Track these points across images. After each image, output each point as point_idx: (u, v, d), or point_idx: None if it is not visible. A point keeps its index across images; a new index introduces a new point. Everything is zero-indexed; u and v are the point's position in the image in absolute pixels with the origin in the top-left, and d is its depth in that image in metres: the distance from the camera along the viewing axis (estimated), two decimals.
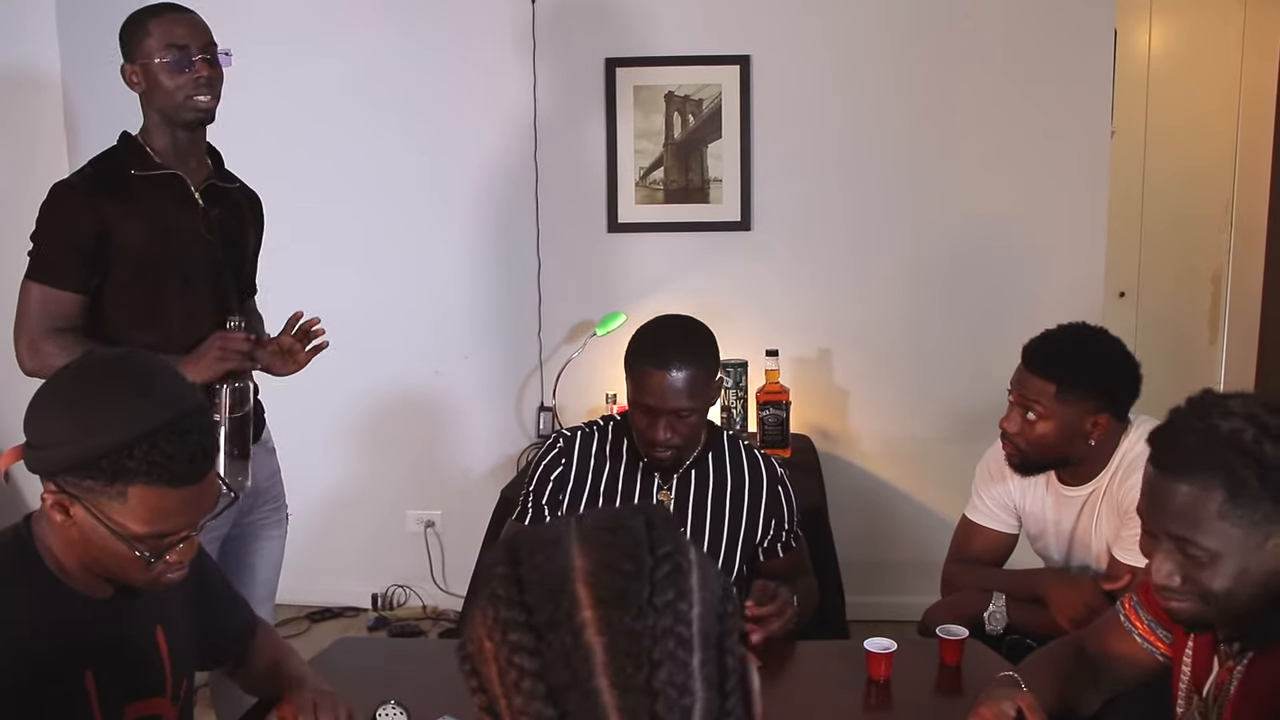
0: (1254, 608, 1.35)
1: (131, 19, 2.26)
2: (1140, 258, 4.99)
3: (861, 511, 3.71)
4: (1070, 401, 2.09)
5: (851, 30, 3.61)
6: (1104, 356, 2.14)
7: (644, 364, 2.06)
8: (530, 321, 3.79)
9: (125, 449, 1.31)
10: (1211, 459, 1.32)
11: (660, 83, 3.65)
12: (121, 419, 1.31)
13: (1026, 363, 2.15)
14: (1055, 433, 2.11)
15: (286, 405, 2.62)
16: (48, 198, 2.23)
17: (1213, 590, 1.35)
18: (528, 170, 3.72)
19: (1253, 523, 1.31)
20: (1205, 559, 1.34)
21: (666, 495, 2.20)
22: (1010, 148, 3.61)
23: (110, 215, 2.19)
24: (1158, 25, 4.90)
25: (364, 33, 3.73)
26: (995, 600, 2.20)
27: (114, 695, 1.44)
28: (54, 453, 1.33)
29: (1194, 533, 1.33)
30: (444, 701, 1.82)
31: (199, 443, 1.35)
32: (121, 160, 2.26)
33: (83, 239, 2.18)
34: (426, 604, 3.94)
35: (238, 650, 1.77)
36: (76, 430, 1.32)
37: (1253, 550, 1.32)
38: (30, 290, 2.20)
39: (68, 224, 2.20)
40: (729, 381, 3.45)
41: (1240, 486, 1.30)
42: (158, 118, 2.26)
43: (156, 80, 2.22)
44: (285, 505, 2.58)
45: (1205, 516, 1.32)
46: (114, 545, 1.35)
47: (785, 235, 3.70)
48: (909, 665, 1.95)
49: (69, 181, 2.25)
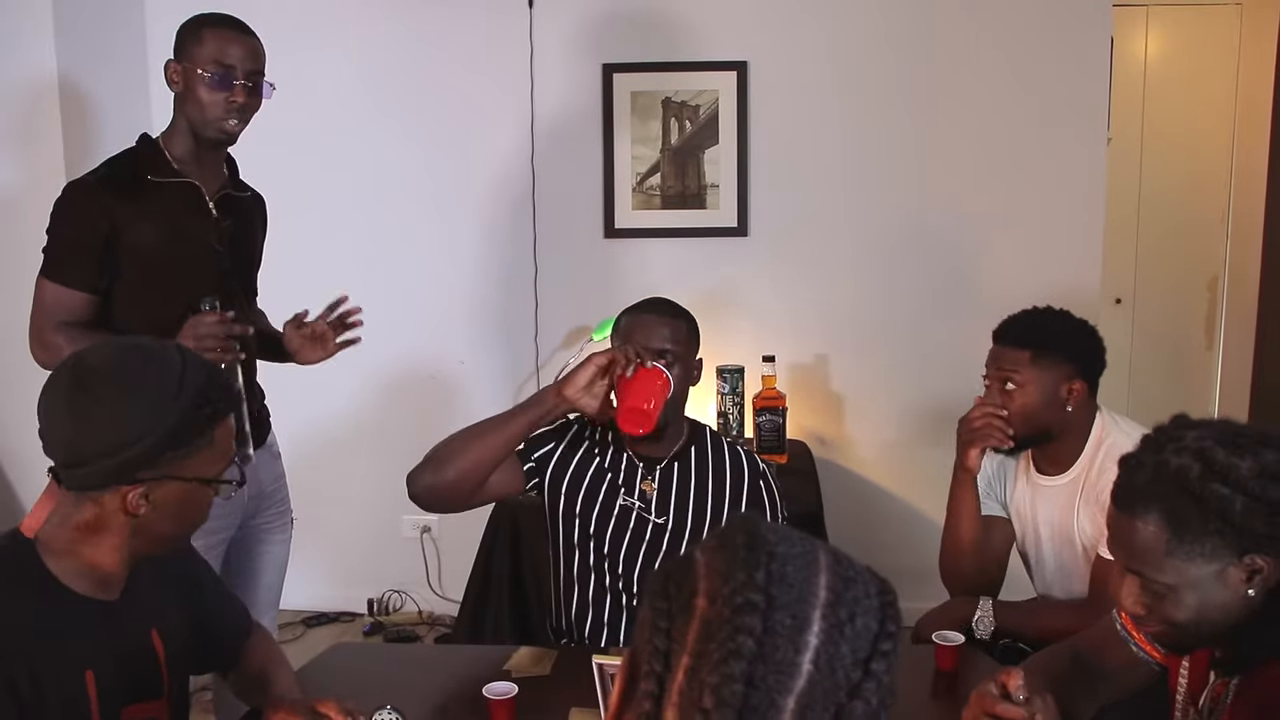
0: (1228, 631, 1.36)
1: (194, 20, 2.25)
2: (1137, 264, 5.00)
3: (858, 517, 3.70)
4: (1045, 366, 2.18)
5: (849, 37, 3.61)
6: (1070, 323, 2.26)
7: (635, 313, 2.22)
8: (527, 326, 3.79)
9: (202, 398, 1.41)
10: (1156, 497, 1.33)
11: (658, 88, 3.65)
12: (178, 382, 1.40)
13: (999, 339, 2.26)
14: (1035, 399, 2.18)
15: (283, 409, 2.61)
16: (61, 196, 2.24)
17: (1177, 620, 1.36)
18: (525, 175, 3.72)
19: (1202, 557, 1.31)
20: (1163, 591, 1.35)
21: (650, 486, 2.22)
22: (1007, 154, 3.62)
23: (121, 218, 2.19)
24: (1154, 32, 4.91)
25: (361, 37, 3.73)
26: (983, 605, 2.21)
27: (113, 697, 1.44)
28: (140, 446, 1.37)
29: (1147, 569, 1.35)
30: (440, 707, 1.82)
31: (221, 372, 1.56)
32: (138, 164, 2.26)
33: (93, 240, 2.19)
34: (422, 609, 3.93)
35: (232, 654, 1.77)
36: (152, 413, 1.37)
37: (1209, 581, 1.32)
38: (43, 287, 2.21)
39: (79, 224, 2.20)
40: (725, 387, 3.45)
41: (1183, 525, 1.31)
42: (184, 124, 2.27)
43: (194, 90, 2.22)
44: (290, 510, 2.58)
45: (1155, 553, 1.34)
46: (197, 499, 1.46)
47: (782, 241, 3.70)
48: (905, 671, 1.94)
49: (83, 181, 2.25)
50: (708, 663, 0.78)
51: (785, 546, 0.83)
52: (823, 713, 0.77)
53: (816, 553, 0.84)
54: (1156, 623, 1.39)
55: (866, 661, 0.80)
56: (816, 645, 0.79)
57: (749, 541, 0.83)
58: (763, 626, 0.78)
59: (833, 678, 0.78)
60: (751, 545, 0.82)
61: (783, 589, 0.80)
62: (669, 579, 0.85)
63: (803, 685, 0.78)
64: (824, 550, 0.85)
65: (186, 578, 1.65)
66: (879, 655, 0.80)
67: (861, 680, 0.79)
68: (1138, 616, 1.41)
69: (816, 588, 0.81)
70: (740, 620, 0.78)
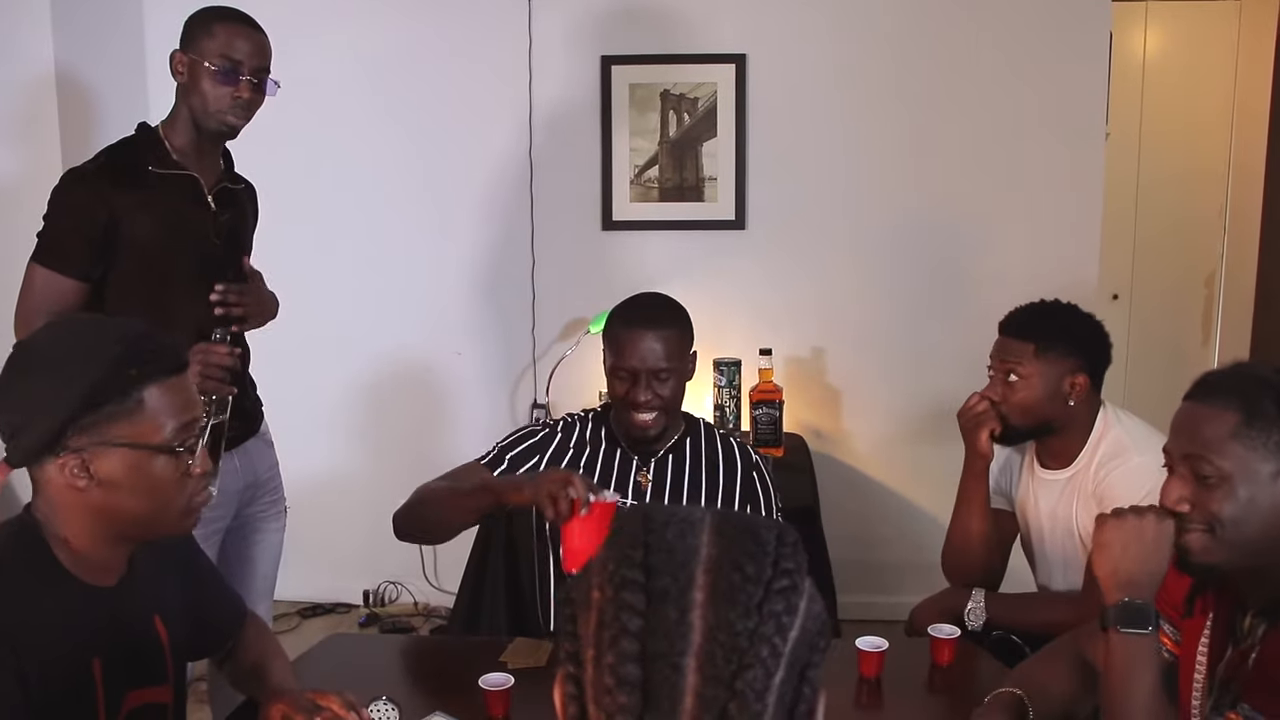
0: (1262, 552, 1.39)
1: (204, 12, 2.26)
2: (1134, 260, 5.00)
3: (854, 511, 3.71)
4: (1050, 359, 2.17)
5: (847, 30, 3.61)
6: (1077, 318, 2.25)
7: (624, 327, 2.14)
8: (524, 319, 3.79)
9: (124, 360, 1.36)
10: (1235, 387, 1.41)
11: (656, 81, 3.64)
12: (105, 341, 1.38)
13: (1004, 330, 2.25)
14: (1038, 392, 2.18)
15: (278, 399, 2.61)
16: (60, 183, 2.23)
17: (1220, 516, 1.40)
18: (523, 167, 3.72)
19: (1265, 448, 1.38)
20: (1215, 480, 1.40)
21: (645, 478, 2.22)
22: (1005, 149, 3.62)
23: (120, 207, 2.19)
24: (1153, 28, 4.91)
25: (359, 28, 3.72)
26: (975, 596, 2.22)
27: (118, 683, 1.44)
28: (55, 411, 1.34)
29: (1206, 450, 1.40)
30: (435, 698, 1.82)
31: (170, 337, 1.46)
32: (138, 153, 2.25)
33: (91, 228, 2.18)
34: (418, 600, 3.93)
35: (228, 640, 1.77)
36: (69, 378, 1.35)
37: (1262, 481, 1.38)
38: (34, 272, 2.20)
39: (77, 211, 2.20)
40: (722, 380, 3.45)
41: (1256, 411, 1.38)
42: (186, 114, 2.27)
43: (198, 82, 2.22)
44: (284, 499, 2.58)
45: (1219, 436, 1.40)
46: (149, 469, 1.39)
47: (780, 234, 3.70)
48: (900, 664, 1.96)
49: (82, 169, 2.24)
50: (604, 648, 0.80)
51: (666, 516, 0.85)
52: (725, 665, 0.78)
53: (701, 514, 0.85)
54: (1199, 519, 1.42)
55: (760, 605, 0.80)
56: (703, 600, 0.80)
57: (633, 524, 0.85)
58: (646, 598, 0.80)
59: (730, 629, 0.79)
60: (634, 527, 0.84)
61: (661, 556, 0.81)
62: (574, 584, 0.86)
63: (699, 642, 0.79)
64: (711, 512, 0.86)
65: (185, 565, 1.65)
66: (774, 595, 0.80)
67: (758, 625, 0.79)
68: (1180, 516, 1.44)
69: (698, 545, 0.82)
70: (623, 598, 0.80)
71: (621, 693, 0.78)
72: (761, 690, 0.79)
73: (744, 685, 0.78)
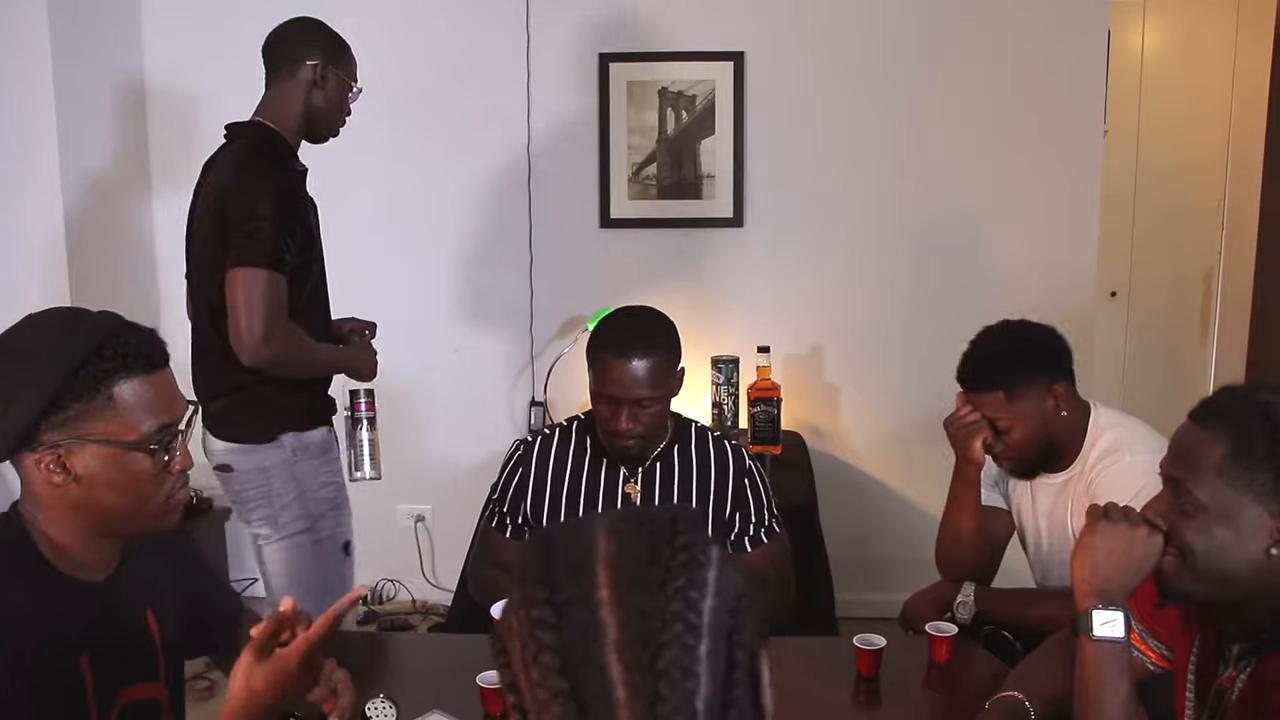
0: (1235, 590, 1.36)
1: (339, 37, 2.45)
2: (1132, 257, 5.00)
3: (852, 509, 3.71)
4: (1022, 394, 2.13)
5: (845, 28, 3.61)
6: (1022, 340, 2.19)
7: (606, 354, 2.09)
8: (522, 316, 3.78)
9: (95, 352, 1.35)
10: (1232, 415, 1.34)
11: (654, 78, 3.64)
12: (76, 337, 1.36)
13: (965, 385, 2.20)
14: (1030, 428, 2.15)
15: None
16: (268, 182, 2.23)
17: (1192, 548, 1.36)
18: (520, 165, 3.71)
19: (1249, 490, 1.32)
20: (1191, 509, 1.35)
21: (633, 488, 2.21)
22: (1003, 146, 3.62)
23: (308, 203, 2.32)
24: (1151, 25, 4.91)
25: (357, 26, 3.70)
26: (964, 590, 2.22)
27: (108, 679, 1.44)
28: (26, 402, 1.33)
29: (1187, 477, 1.36)
30: (433, 696, 1.82)
31: (149, 332, 1.42)
32: (285, 154, 2.33)
33: (301, 227, 2.27)
34: (416, 598, 3.93)
35: (225, 636, 1.77)
36: (40, 371, 1.33)
37: (1241, 520, 1.32)
38: (265, 280, 2.18)
39: (294, 210, 2.26)
40: (720, 378, 3.45)
41: (1245, 448, 1.32)
42: (301, 116, 2.37)
43: (340, 98, 2.42)
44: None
45: (1201, 466, 1.34)
46: (126, 465, 1.37)
47: (778, 232, 3.70)
48: (898, 662, 1.96)
49: (279, 167, 2.29)
50: (530, 668, 0.81)
51: (561, 531, 0.87)
52: (644, 650, 0.79)
53: (593, 518, 0.87)
54: (1173, 544, 1.39)
55: (663, 584, 0.81)
56: (609, 595, 0.81)
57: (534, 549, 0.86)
58: (555, 612, 0.81)
59: (641, 615, 0.80)
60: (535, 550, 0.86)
61: (561, 569, 0.83)
62: (500, 619, 0.88)
63: (615, 635, 0.79)
64: (605, 514, 0.89)
65: (181, 561, 1.64)
66: (676, 571, 0.81)
67: (666, 604, 0.80)
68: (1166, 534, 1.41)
69: (595, 546, 0.83)
70: (534, 616, 0.81)
71: (556, 704, 0.79)
72: (688, 665, 0.79)
73: (666, 664, 0.79)
